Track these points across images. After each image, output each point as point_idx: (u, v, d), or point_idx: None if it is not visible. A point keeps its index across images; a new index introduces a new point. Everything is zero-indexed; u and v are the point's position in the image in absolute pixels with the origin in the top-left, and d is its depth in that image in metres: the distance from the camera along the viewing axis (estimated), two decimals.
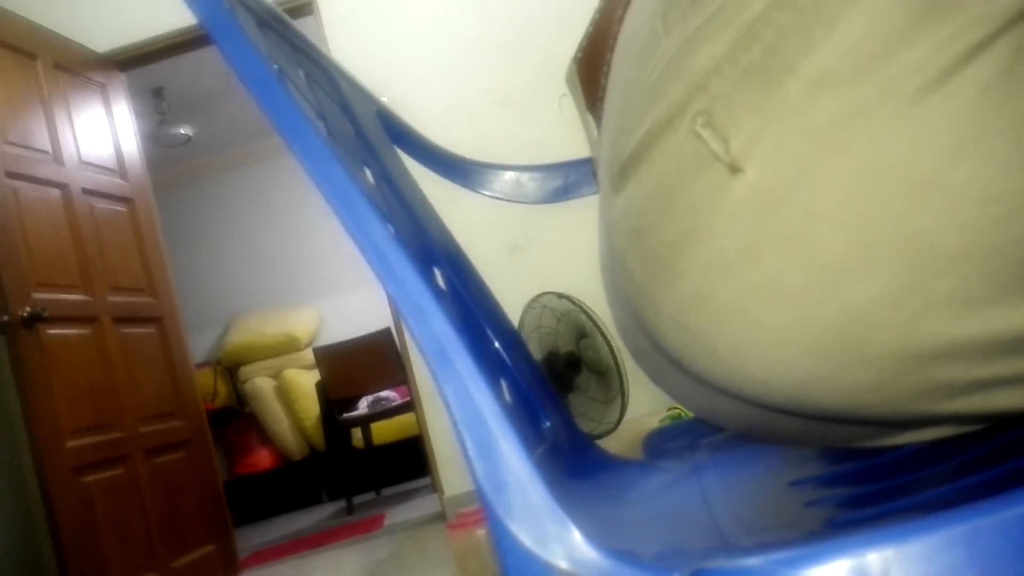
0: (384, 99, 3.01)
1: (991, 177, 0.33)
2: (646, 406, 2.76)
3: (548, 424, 0.69)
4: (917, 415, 0.41)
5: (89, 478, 2.58)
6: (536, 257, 3.01)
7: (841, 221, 0.36)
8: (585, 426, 2.75)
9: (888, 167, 0.35)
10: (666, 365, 0.50)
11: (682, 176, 0.41)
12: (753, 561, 0.33)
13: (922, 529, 0.31)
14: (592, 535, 0.39)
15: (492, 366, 0.67)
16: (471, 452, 0.41)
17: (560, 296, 2.74)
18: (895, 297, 0.36)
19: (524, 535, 0.40)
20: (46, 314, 2.52)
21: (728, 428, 0.60)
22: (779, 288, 0.38)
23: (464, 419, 0.42)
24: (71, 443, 2.55)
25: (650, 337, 0.48)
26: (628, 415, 2.69)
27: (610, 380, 2.69)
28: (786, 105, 0.37)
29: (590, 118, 0.58)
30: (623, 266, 0.48)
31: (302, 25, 3.15)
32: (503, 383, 0.68)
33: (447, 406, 0.43)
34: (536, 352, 2.77)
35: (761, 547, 0.40)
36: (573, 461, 0.69)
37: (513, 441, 0.41)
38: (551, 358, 2.76)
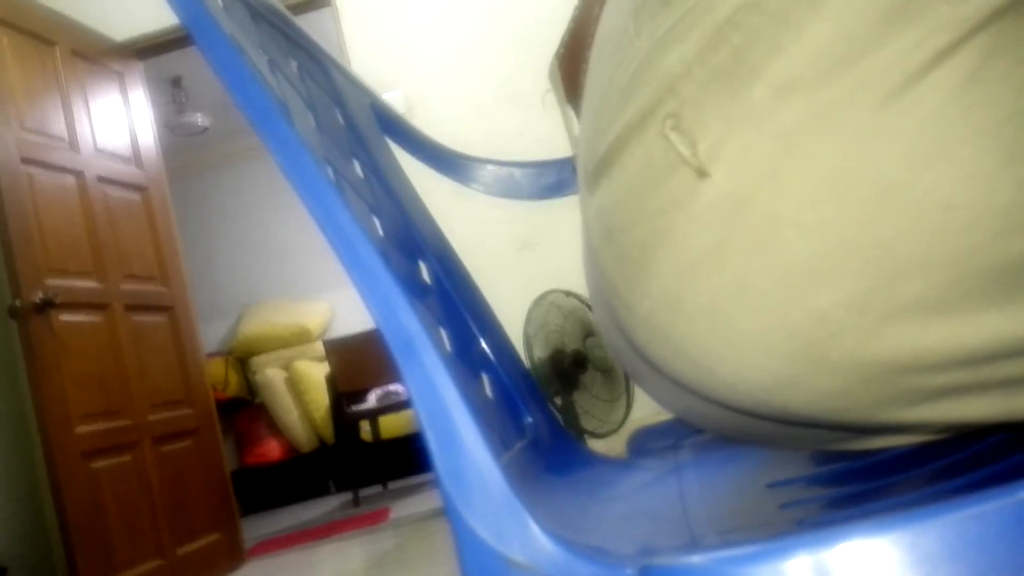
0: (398, 92, 2.99)
1: (955, 184, 0.33)
2: (652, 406, 2.75)
3: (530, 420, 0.69)
4: (884, 422, 0.41)
5: (97, 464, 2.61)
6: (544, 254, 3.01)
7: (806, 225, 0.36)
8: (590, 425, 2.75)
9: (853, 172, 0.35)
10: (642, 365, 0.50)
11: (652, 178, 0.41)
12: (697, 559, 0.33)
13: (866, 530, 0.31)
14: (551, 529, 0.39)
15: (473, 361, 0.67)
16: (432, 445, 0.42)
17: (568, 294, 2.74)
18: (860, 302, 0.36)
19: (482, 528, 0.40)
20: (58, 300, 2.54)
21: (704, 428, 0.60)
22: (745, 291, 0.38)
23: (427, 412, 0.42)
24: (80, 429, 2.57)
25: (625, 337, 0.48)
26: (634, 415, 2.69)
27: (615, 379, 2.69)
28: (753, 109, 0.37)
29: (571, 114, 0.58)
30: (598, 265, 0.48)
31: (320, 18, 3.18)
32: (484, 378, 0.68)
33: (411, 398, 0.43)
34: (542, 349, 2.77)
35: (717, 546, 0.40)
36: (554, 458, 0.69)
37: (476, 435, 0.42)
38: (557, 356, 2.76)
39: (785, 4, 0.36)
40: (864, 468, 0.57)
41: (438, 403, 0.43)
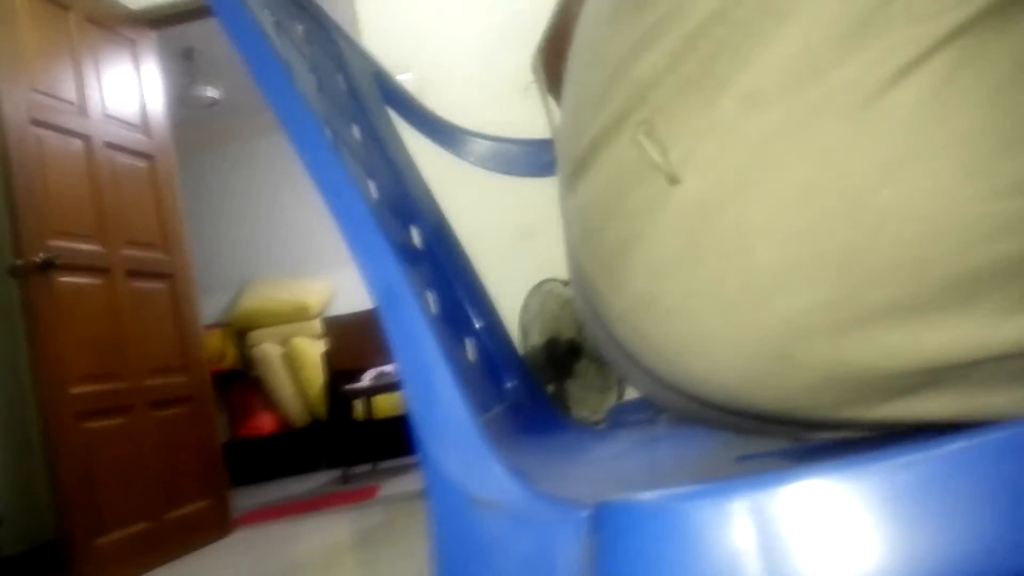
0: (409, 75, 3.00)
1: (920, 195, 0.34)
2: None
3: (510, 385, 0.71)
4: (847, 419, 0.42)
5: (91, 424, 2.64)
6: (545, 243, 3.01)
7: (773, 233, 0.37)
8: (581, 412, 2.77)
9: (820, 183, 0.36)
10: (621, 356, 0.52)
11: (626, 181, 0.42)
12: (649, 495, 0.35)
13: (810, 473, 0.33)
14: (515, 472, 0.41)
15: (457, 326, 0.69)
16: (409, 390, 0.44)
17: (565, 283, 2.76)
18: (827, 307, 0.37)
19: (450, 468, 0.42)
20: (59, 261, 2.56)
21: (679, 417, 0.62)
22: (716, 294, 0.40)
23: (406, 359, 0.44)
24: (76, 389, 2.60)
25: (605, 330, 0.50)
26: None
27: (609, 369, 2.71)
28: (721, 119, 0.38)
29: (552, 105, 0.59)
30: (577, 261, 0.49)
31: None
32: (469, 343, 0.70)
33: (392, 346, 0.45)
34: (538, 336, 2.79)
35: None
36: (533, 423, 0.71)
37: (450, 383, 0.44)
38: (552, 344, 2.79)
39: (751, 16, 0.37)
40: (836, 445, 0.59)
41: (416, 351, 0.45)
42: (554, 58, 0.58)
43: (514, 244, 3.03)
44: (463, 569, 0.42)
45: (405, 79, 3.02)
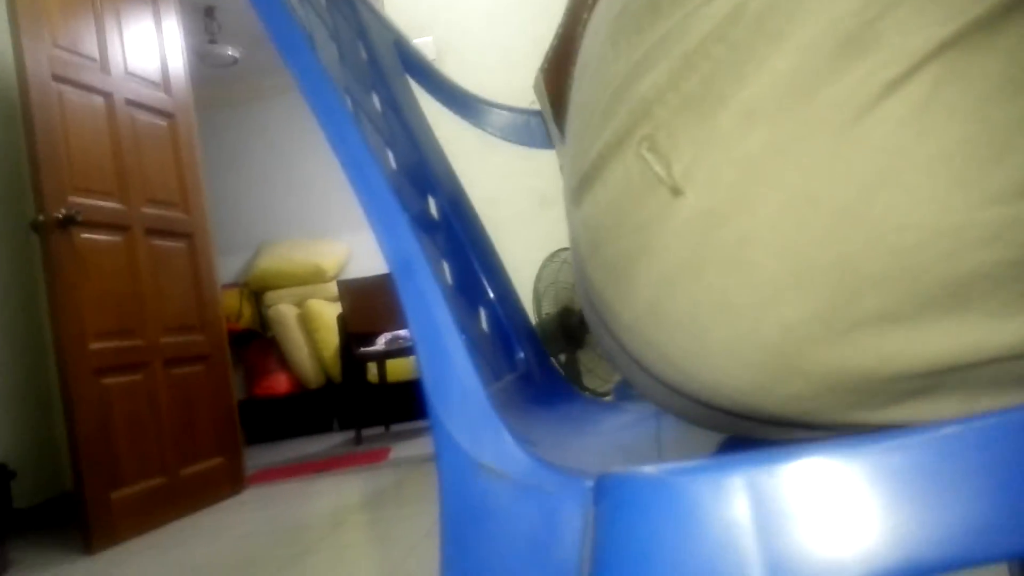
0: (429, 39, 2.99)
1: (909, 206, 0.35)
2: None
3: (521, 356, 0.72)
4: (852, 423, 0.44)
5: (109, 380, 2.68)
6: (561, 213, 3.01)
7: (773, 245, 0.38)
8: (592, 383, 2.79)
9: (813, 196, 0.37)
10: (630, 363, 0.53)
11: (632, 195, 0.43)
12: (650, 469, 0.36)
13: (805, 452, 0.34)
14: (522, 441, 0.43)
15: (472, 296, 0.70)
16: (422, 358, 0.45)
17: None
18: (824, 315, 0.38)
19: (459, 435, 0.43)
20: (80, 218, 2.59)
21: (687, 422, 0.64)
22: (721, 304, 0.41)
23: (419, 327, 0.46)
24: (94, 345, 2.64)
25: (613, 338, 0.51)
26: None
27: None
28: (721, 135, 0.39)
29: (555, 126, 0.60)
30: (585, 273, 0.51)
31: None
32: (482, 313, 0.71)
33: (406, 314, 0.46)
34: (551, 305, 2.80)
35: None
36: (543, 393, 0.73)
37: (461, 352, 0.45)
38: (565, 313, 2.79)
39: (748, 36, 0.38)
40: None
41: (430, 321, 0.46)
42: (559, 79, 0.59)
43: (531, 212, 3.04)
44: (470, 534, 0.43)
45: (425, 42, 3.01)
